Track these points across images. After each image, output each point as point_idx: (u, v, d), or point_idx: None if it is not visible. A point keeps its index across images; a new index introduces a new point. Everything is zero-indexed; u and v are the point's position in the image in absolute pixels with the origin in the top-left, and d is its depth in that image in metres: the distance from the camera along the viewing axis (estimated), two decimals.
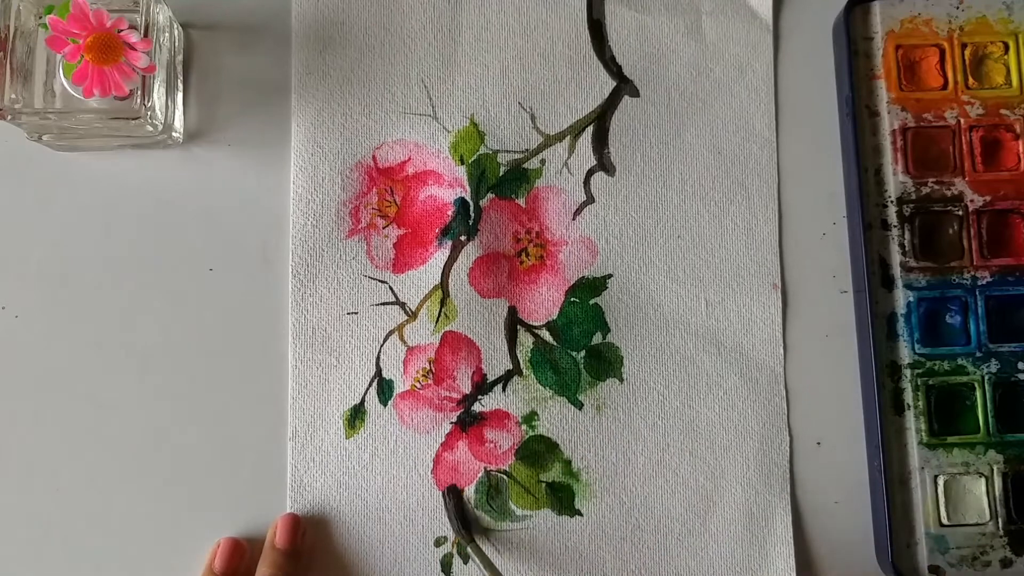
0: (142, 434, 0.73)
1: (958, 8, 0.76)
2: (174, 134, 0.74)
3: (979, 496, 0.72)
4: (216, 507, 0.73)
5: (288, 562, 0.71)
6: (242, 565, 0.71)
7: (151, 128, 0.70)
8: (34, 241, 0.74)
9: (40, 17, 0.69)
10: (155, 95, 0.70)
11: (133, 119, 0.69)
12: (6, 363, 0.73)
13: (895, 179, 0.75)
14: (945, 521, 0.72)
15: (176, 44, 0.74)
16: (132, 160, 0.75)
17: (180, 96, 0.75)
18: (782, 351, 0.76)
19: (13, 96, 0.68)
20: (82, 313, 0.74)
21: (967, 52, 0.76)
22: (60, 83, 0.70)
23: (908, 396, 0.73)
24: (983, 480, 0.72)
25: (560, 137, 0.76)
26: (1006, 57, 0.76)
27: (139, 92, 0.68)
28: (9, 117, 0.68)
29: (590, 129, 0.77)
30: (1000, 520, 0.72)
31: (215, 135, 0.76)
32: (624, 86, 0.77)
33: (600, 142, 0.76)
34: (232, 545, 0.71)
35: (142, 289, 0.74)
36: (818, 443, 0.75)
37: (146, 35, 0.68)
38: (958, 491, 0.72)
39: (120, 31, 0.65)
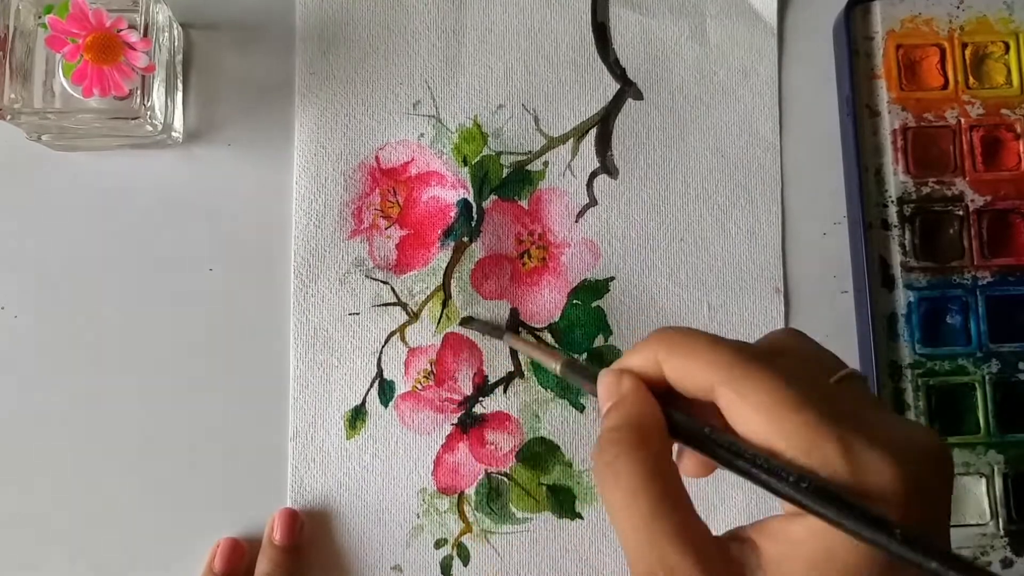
0: (142, 434, 0.72)
1: (958, 8, 0.75)
2: (174, 134, 0.72)
3: (979, 496, 0.71)
4: (217, 507, 0.72)
5: (287, 558, 0.70)
6: (242, 565, 0.70)
7: (151, 128, 0.69)
8: (34, 241, 0.73)
9: (40, 17, 0.67)
10: (155, 95, 0.68)
11: (133, 119, 0.68)
12: (6, 363, 0.72)
13: (895, 179, 0.74)
14: None
15: (176, 44, 0.73)
16: (132, 160, 0.74)
17: (180, 96, 0.73)
18: None
19: (13, 96, 0.67)
20: (82, 313, 0.73)
21: (967, 52, 0.75)
22: (60, 83, 0.69)
23: (909, 396, 0.72)
24: (984, 480, 0.71)
25: (563, 139, 0.75)
26: (1006, 57, 0.75)
27: (139, 92, 0.67)
28: (9, 117, 0.66)
29: (593, 131, 0.75)
30: (1001, 520, 0.71)
31: (215, 135, 0.75)
32: (628, 89, 0.75)
33: (603, 144, 0.75)
34: (232, 545, 0.70)
35: (142, 289, 0.73)
36: None
37: (146, 35, 0.67)
38: (958, 491, 0.71)
39: (120, 31, 0.64)
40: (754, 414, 0.39)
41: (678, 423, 0.43)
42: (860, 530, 0.36)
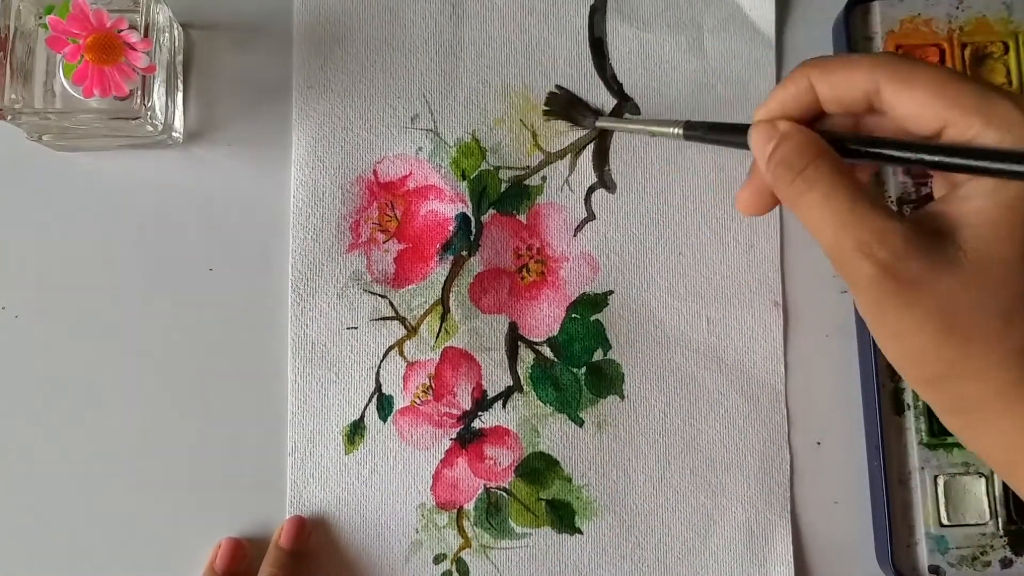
0: (141, 436, 0.70)
1: (958, 8, 0.76)
2: (174, 134, 0.71)
3: (979, 496, 0.70)
4: (214, 522, 0.70)
5: (291, 562, 0.68)
6: (243, 565, 0.69)
7: (151, 128, 0.68)
8: (34, 241, 0.71)
9: (40, 17, 0.66)
10: (155, 95, 0.67)
11: (133, 119, 0.66)
12: (6, 363, 0.70)
13: (895, 179, 0.74)
14: (945, 521, 0.70)
15: (176, 44, 0.72)
16: (132, 160, 0.72)
17: (180, 96, 0.72)
18: (783, 369, 0.74)
19: (13, 96, 0.65)
20: (82, 313, 0.71)
21: (967, 52, 0.75)
22: (60, 83, 0.67)
23: (908, 396, 0.71)
24: (983, 480, 0.70)
25: (561, 154, 0.75)
26: (1006, 57, 0.75)
27: (139, 92, 0.66)
28: (9, 117, 0.65)
29: (591, 147, 0.75)
30: (1000, 520, 0.70)
31: (215, 135, 0.74)
32: (625, 104, 0.75)
33: (601, 159, 0.75)
34: (233, 545, 0.69)
35: (142, 289, 0.72)
36: (818, 443, 0.73)
37: (146, 35, 0.66)
38: (958, 491, 0.70)
39: (120, 31, 0.63)
40: (923, 92, 0.44)
41: (845, 138, 0.48)
42: None
